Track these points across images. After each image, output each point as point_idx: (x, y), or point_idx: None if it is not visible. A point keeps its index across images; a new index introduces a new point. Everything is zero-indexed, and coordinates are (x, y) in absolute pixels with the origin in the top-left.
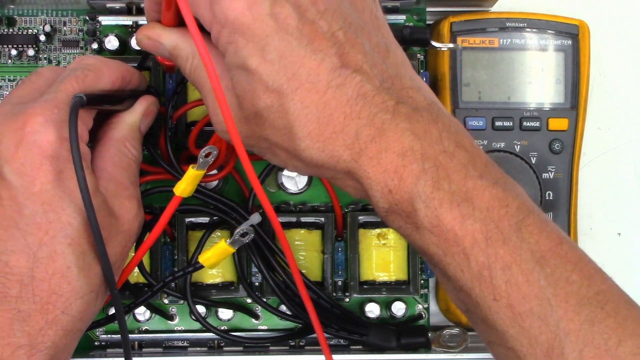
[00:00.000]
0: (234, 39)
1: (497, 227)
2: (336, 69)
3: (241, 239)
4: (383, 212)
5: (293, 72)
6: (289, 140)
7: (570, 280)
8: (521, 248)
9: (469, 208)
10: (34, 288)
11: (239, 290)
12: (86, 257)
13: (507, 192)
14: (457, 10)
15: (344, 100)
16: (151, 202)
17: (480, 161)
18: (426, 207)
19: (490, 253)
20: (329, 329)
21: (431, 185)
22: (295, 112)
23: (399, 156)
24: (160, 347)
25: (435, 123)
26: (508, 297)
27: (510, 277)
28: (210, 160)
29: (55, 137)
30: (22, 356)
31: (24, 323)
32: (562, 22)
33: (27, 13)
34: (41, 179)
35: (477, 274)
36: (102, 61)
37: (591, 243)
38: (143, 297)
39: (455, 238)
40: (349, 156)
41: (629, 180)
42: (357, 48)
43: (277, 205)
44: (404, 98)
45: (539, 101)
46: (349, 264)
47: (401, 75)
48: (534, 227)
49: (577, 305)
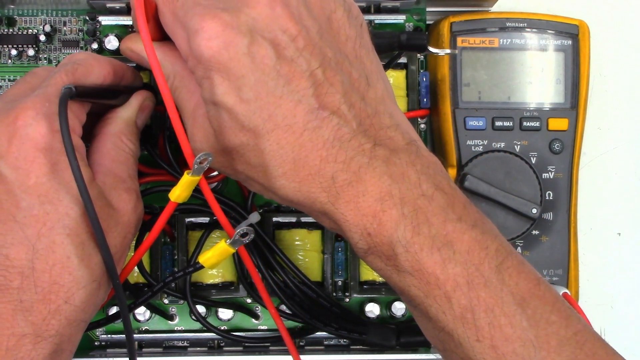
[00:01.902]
0: (210, 75)
1: (478, 270)
2: (313, 110)
3: (241, 239)
4: (362, 252)
5: (269, 113)
6: (264, 178)
7: (550, 321)
8: (502, 290)
9: (450, 252)
10: (35, 279)
11: (239, 290)
12: (86, 246)
13: (485, 234)
14: (457, 10)
15: (320, 143)
16: (151, 202)
17: (459, 203)
18: (407, 252)
19: (472, 296)
20: (328, 328)
21: (411, 230)
22: (271, 152)
23: (377, 201)
24: (160, 347)
25: (414, 165)
26: (491, 338)
27: (493, 319)
28: (206, 167)
29: (47, 130)
30: (27, 344)
31: (27, 313)
32: (562, 22)
33: (27, 13)
34: (36, 172)
35: (460, 316)
36: (92, 56)
37: (591, 243)
38: (143, 297)
39: (437, 282)
40: (326, 198)
41: (629, 180)
42: (336, 87)
43: (277, 205)
44: (382, 139)
45: (539, 101)
46: (349, 264)
47: (380, 113)
48: (512, 269)
49: (558, 346)
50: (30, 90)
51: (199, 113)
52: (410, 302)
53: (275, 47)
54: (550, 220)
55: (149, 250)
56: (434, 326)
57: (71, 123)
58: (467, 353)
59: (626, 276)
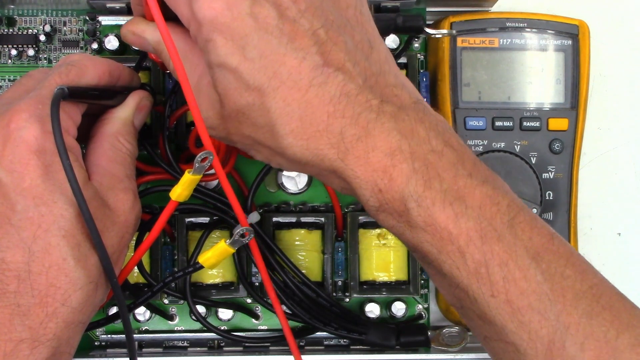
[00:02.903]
0: (213, 37)
1: (491, 225)
2: (318, 67)
3: (241, 239)
4: (373, 210)
5: (274, 70)
6: (272, 138)
7: (565, 275)
8: (515, 245)
9: (462, 206)
10: (32, 282)
11: (239, 290)
12: (82, 248)
13: (496, 190)
14: (457, 10)
15: (327, 99)
16: (151, 202)
17: (469, 160)
18: (419, 207)
19: (485, 250)
20: (328, 327)
21: (422, 185)
22: (277, 110)
23: (387, 156)
24: (160, 347)
25: (422, 122)
26: (506, 292)
27: (507, 273)
28: (207, 165)
29: (40, 132)
30: (24, 349)
31: (24, 317)
32: (562, 22)
33: (27, 13)
34: (30, 174)
35: (474, 271)
36: (86, 57)
37: (591, 243)
38: (143, 297)
39: (450, 236)
40: (335, 155)
41: (629, 180)
42: (339, 46)
43: (277, 205)
44: (389, 96)
45: (539, 101)
46: (349, 264)
47: (385, 72)
48: (525, 224)
49: (573, 299)
50: (25, 92)
51: (203, 83)
52: (424, 259)
53: (277, 7)
54: (550, 221)
55: (149, 251)
56: (449, 283)
57: (65, 124)
58: (483, 309)
59: (626, 276)
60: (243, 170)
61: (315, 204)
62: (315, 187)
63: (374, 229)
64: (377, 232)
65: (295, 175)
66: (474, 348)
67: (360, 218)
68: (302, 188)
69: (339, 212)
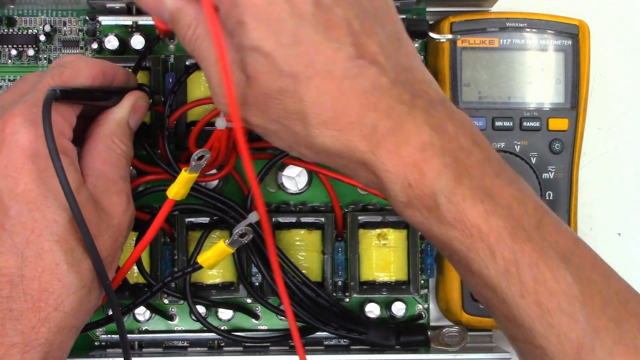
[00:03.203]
0: (246, 19)
1: (520, 225)
2: (353, 59)
3: (240, 239)
4: (401, 205)
5: (310, 58)
6: (301, 126)
7: (592, 279)
8: (544, 246)
9: (492, 204)
10: (25, 287)
11: (239, 290)
12: (75, 252)
13: (522, 191)
14: (457, 10)
15: (360, 91)
16: (150, 202)
17: (495, 159)
18: (449, 202)
19: (516, 249)
20: (328, 327)
21: (453, 180)
22: (311, 98)
23: (418, 150)
24: (160, 347)
25: (451, 119)
26: (536, 293)
27: (538, 273)
28: (204, 163)
29: (34, 136)
30: (15, 354)
31: (16, 322)
32: (562, 22)
33: (27, 13)
34: (24, 179)
35: (504, 270)
36: (80, 58)
37: (591, 243)
38: (143, 297)
39: (480, 233)
40: (366, 147)
41: (629, 180)
42: (373, 38)
43: (277, 205)
44: (419, 92)
45: (539, 101)
46: (349, 264)
47: (414, 68)
48: (551, 226)
49: (601, 303)
50: (20, 96)
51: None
52: (452, 257)
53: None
54: None
55: (148, 251)
56: (477, 282)
57: (60, 126)
58: (512, 310)
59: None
60: (243, 170)
61: (315, 204)
62: (315, 187)
63: (374, 229)
64: (377, 232)
65: (295, 175)
66: (474, 348)
67: (360, 218)
68: (302, 188)
69: (339, 212)
